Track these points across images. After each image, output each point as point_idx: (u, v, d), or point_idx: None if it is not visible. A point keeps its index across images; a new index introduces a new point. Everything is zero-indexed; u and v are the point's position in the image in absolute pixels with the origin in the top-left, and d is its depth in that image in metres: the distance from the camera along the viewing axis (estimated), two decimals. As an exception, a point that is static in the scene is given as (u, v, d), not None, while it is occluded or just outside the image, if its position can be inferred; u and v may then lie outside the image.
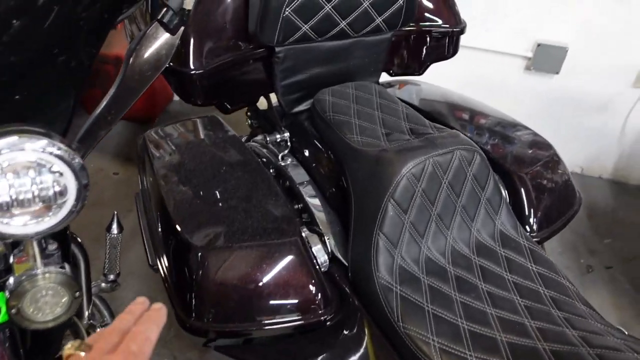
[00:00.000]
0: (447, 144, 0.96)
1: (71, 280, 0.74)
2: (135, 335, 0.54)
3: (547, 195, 1.16)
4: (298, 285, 0.92)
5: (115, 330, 0.55)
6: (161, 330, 0.58)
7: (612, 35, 2.18)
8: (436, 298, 0.89)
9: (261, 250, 0.93)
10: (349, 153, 1.02)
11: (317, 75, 1.22)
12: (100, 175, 2.26)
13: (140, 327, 0.56)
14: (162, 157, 1.17)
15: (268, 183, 1.05)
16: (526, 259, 0.97)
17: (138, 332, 0.55)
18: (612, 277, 1.99)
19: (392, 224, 0.92)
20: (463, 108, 1.42)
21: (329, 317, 0.94)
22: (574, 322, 0.83)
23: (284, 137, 1.22)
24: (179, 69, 1.05)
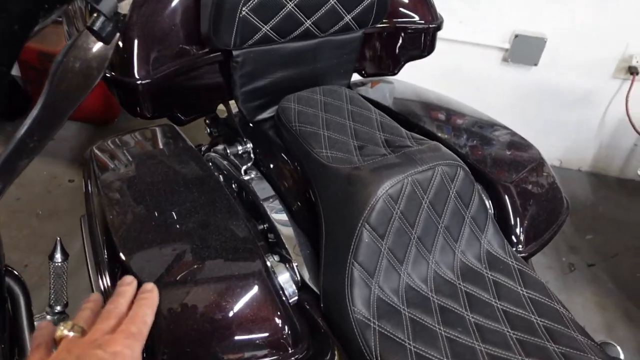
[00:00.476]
0: (427, 160, 0.85)
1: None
2: (133, 318, 0.55)
3: (534, 205, 1.08)
4: (263, 322, 0.81)
5: (111, 313, 0.56)
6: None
7: (591, 25, 2.12)
8: (419, 334, 0.79)
9: (220, 285, 0.81)
10: (318, 170, 0.91)
11: (280, 79, 1.10)
12: (54, 184, 2.12)
13: (137, 310, 0.57)
14: (110, 176, 1.04)
15: (228, 205, 0.94)
16: (515, 282, 0.88)
17: (136, 315, 0.56)
18: (594, 275, 1.94)
19: (367, 251, 0.82)
20: (439, 108, 1.33)
21: (300, 356, 0.83)
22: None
23: (247, 149, 1.11)
24: (122, 78, 0.93)
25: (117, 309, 0.57)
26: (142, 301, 0.60)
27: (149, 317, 0.58)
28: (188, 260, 0.83)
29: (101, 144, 1.17)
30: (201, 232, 0.88)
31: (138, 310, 0.58)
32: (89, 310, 0.60)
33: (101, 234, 0.96)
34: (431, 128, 1.20)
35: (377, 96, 1.33)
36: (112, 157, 1.12)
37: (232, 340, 0.80)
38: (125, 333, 0.53)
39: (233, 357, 0.80)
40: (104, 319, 0.56)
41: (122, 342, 0.52)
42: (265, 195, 1.06)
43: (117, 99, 0.99)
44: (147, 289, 0.62)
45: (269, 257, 0.90)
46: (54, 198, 2.05)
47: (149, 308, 0.59)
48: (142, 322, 0.56)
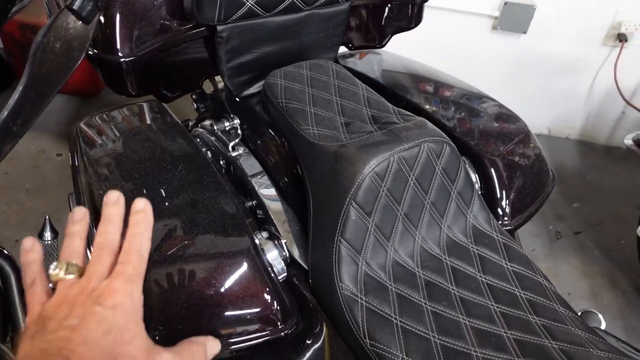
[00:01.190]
0: (413, 137, 0.85)
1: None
2: (128, 254, 0.50)
3: (521, 178, 1.08)
4: (252, 299, 0.82)
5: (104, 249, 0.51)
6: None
7: (580, -8, 2.09)
8: (405, 309, 0.81)
9: (209, 263, 0.82)
10: (304, 147, 0.91)
11: (266, 54, 1.09)
12: (42, 158, 2.10)
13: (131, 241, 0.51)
14: (97, 153, 1.04)
15: (215, 182, 0.94)
16: (500, 256, 0.90)
17: (130, 249, 0.51)
18: (581, 243, 1.97)
19: (354, 229, 0.82)
20: (427, 80, 1.32)
21: (290, 331, 0.85)
22: (554, 332, 0.77)
23: (234, 125, 1.10)
24: (105, 56, 0.91)
25: (109, 242, 0.52)
26: (135, 227, 0.53)
27: (145, 249, 0.52)
28: (176, 239, 0.84)
29: (87, 119, 1.16)
30: (189, 210, 0.88)
31: (132, 241, 0.51)
32: (78, 237, 0.53)
33: (89, 212, 0.96)
34: (419, 101, 1.19)
35: (365, 68, 1.32)
36: (98, 133, 1.11)
37: (222, 317, 0.81)
38: (122, 277, 0.49)
39: (223, 333, 0.81)
40: (97, 258, 0.50)
41: (121, 291, 0.48)
42: (253, 172, 1.06)
43: (101, 77, 0.97)
44: (138, 209, 0.54)
45: (257, 234, 0.91)
46: (42, 172, 2.03)
47: (143, 236, 0.52)
48: (138, 257, 0.51)
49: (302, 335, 0.87)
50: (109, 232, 0.52)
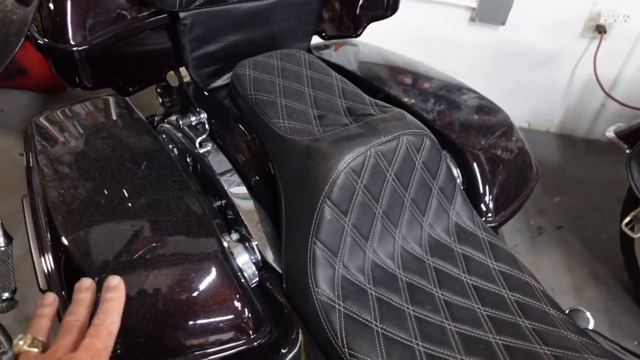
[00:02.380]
0: (391, 129, 0.79)
1: None
2: (97, 329, 0.50)
3: (504, 172, 1.04)
4: (221, 307, 0.76)
5: (72, 327, 0.51)
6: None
7: (559, -18, 2.06)
8: (386, 314, 0.75)
9: (172, 270, 0.75)
10: (275, 142, 0.84)
11: (234, 43, 1.02)
12: (4, 159, 2.00)
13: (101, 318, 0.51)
14: (53, 151, 0.96)
15: (180, 181, 0.87)
16: (486, 255, 0.84)
17: (100, 325, 0.51)
18: (562, 237, 1.94)
19: (330, 229, 0.76)
20: (405, 71, 1.27)
21: (263, 340, 0.78)
22: (545, 336, 0.72)
23: (201, 119, 1.03)
24: (56, 45, 0.84)
25: (78, 321, 0.52)
26: (107, 305, 0.53)
27: (115, 326, 0.52)
28: (137, 243, 0.77)
29: (45, 115, 1.08)
30: (151, 212, 0.82)
31: (103, 318, 0.52)
32: (46, 318, 0.54)
33: (43, 214, 0.88)
34: (397, 93, 1.14)
35: (340, 60, 1.26)
36: (57, 129, 1.04)
37: (188, 327, 0.74)
38: (90, 351, 0.48)
39: (190, 345, 0.75)
40: (65, 333, 0.50)
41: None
42: (222, 169, 0.99)
43: (52, 68, 0.89)
44: (111, 286, 0.55)
45: (226, 236, 0.84)
46: (4, 173, 1.93)
47: (115, 313, 0.53)
48: (107, 333, 0.50)
49: (276, 344, 0.81)
50: (79, 313, 0.53)
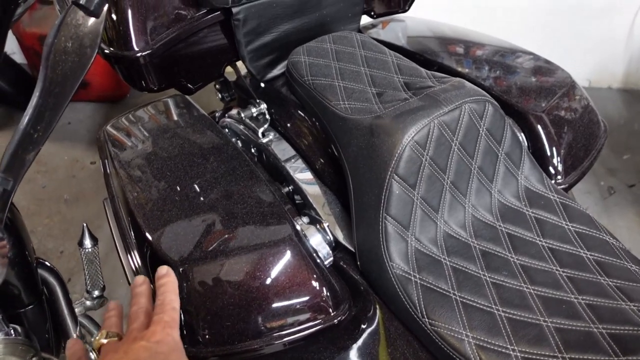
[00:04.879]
0: (452, 99, 0.79)
1: (20, 346, 0.61)
2: (162, 307, 0.56)
3: (570, 132, 1.01)
4: (300, 288, 0.79)
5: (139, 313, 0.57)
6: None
7: None
8: (463, 283, 0.75)
9: (251, 255, 0.78)
10: (337, 124, 0.86)
11: (287, 32, 1.04)
12: (77, 167, 2.11)
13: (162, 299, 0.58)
14: (126, 155, 1.01)
15: (249, 171, 0.90)
16: (559, 216, 0.83)
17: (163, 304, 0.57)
18: (636, 195, 1.87)
19: (399, 203, 0.77)
20: (455, 41, 1.25)
21: (343, 317, 0.81)
22: (629, 292, 0.70)
23: (261, 110, 1.06)
24: (121, 53, 0.88)
25: (142, 308, 0.58)
26: (163, 288, 0.60)
27: (176, 302, 0.59)
28: (215, 234, 0.81)
29: (113, 122, 1.13)
30: (225, 202, 0.85)
31: (163, 298, 0.58)
32: (115, 317, 0.61)
33: (125, 215, 0.94)
34: (450, 63, 1.13)
35: (389, 37, 1.26)
36: (126, 135, 1.09)
37: (270, 310, 0.77)
38: (160, 324, 0.54)
39: (274, 326, 0.78)
40: (134, 319, 0.56)
41: (160, 332, 0.53)
42: (286, 156, 1.02)
43: (120, 75, 0.94)
44: (162, 274, 0.62)
45: (297, 220, 0.87)
46: (78, 182, 2.04)
47: (172, 293, 0.60)
48: (171, 309, 0.57)
49: (356, 320, 0.83)
50: (141, 302, 0.59)
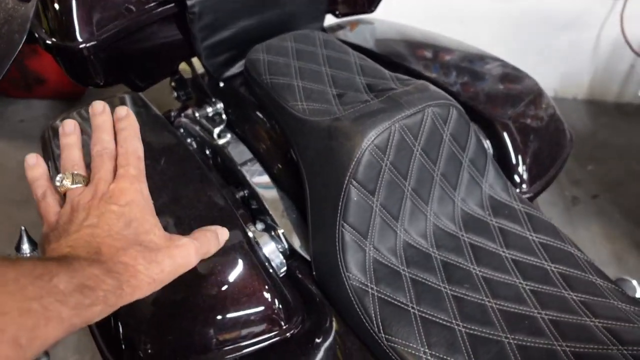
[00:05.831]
0: (414, 102, 0.75)
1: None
2: (126, 157, 0.52)
3: (536, 140, 0.99)
4: (250, 301, 0.73)
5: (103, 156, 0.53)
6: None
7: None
8: (423, 296, 0.71)
9: (198, 265, 0.73)
10: (295, 125, 0.81)
11: (246, 29, 0.99)
12: (28, 168, 2.01)
13: (125, 146, 0.53)
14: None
15: (200, 173, 0.84)
16: (524, 227, 0.80)
17: (126, 152, 0.53)
18: (600, 206, 1.87)
19: (357, 210, 0.73)
20: (424, 45, 1.22)
21: (296, 330, 0.76)
22: (593, 308, 0.67)
23: (217, 110, 1.00)
24: (64, 44, 0.82)
25: (106, 149, 0.53)
26: (125, 132, 0.55)
27: (140, 150, 0.55)
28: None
29: (61, 118, 1.07)
30: (172, 207, 0.79)
31: (127, 146, 0.53)
32: (75, 147, 0.56)
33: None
34: (417, 67, 1.10)
35: (357, 39, 1.22)
36: (73, 133, 1.02)
37: (217, 323, 0.72)
38: (128, 178, 0.51)
39: (221, 340, 0.72)
40: (99, 165, 0.52)
41: (130, 190, 0.50)
42: (242, 159, 0.97)
43: (63, 68, 0.88)
44: (122, 116, 0.56)
45: (250, 226, 0.82)
46: (27, 184, 1.94)
47: (135, 138, 0.55)
48: (136, 158, 0.53)
49: (310, 333, 0.78)
50: (104, 139, 0.54)
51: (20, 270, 0.37)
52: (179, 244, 0.52)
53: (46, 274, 0.38)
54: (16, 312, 0.35)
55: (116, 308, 0.44)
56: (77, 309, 0.39)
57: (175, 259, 0.50)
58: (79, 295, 0.39)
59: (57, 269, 0.39)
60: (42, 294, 0.37)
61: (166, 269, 0.49)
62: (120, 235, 0.47)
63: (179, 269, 0.51)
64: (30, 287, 0.36)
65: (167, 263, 0.49)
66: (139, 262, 0.46)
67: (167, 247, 0.50)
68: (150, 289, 0.47)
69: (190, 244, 0.53)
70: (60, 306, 0.38)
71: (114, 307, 0.44)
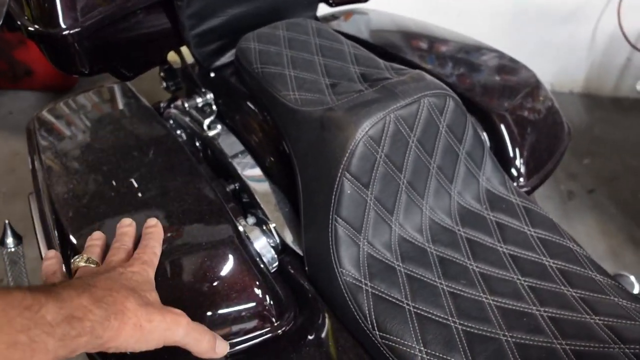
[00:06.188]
0: (410, 92, 0.73)
1: None
2: (143, 249, 0.58)
3: (534, 133, 0.97)
4: (241, 296, 0.71)
5: (120, 249, 0.58)
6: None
7: None
8: (418, 292, 0.69)
9: (187, 260, 0.70)
10: (287, 116, 0.79)
11: (236, 17, 0.96)
12: (16, 160, 1.98)
13: (145, 242, 0.59)
14: (56, 146, 0.92)
15: (189, 165, 0.82)
16: (521, 221, 0.78)
17: (145, 246, 0.58)
18: (595, 201, 1.86)
19: (351, 204, 0.70)
20: (420, 36, 1.20)
21: (287, 327, 0.74)
22: (593, 304, 0.65)
23: (207, 100, 0.98)
24: (46, 30, 0.79)
25: (125, 246, 0.59)
26: (149, 236, 0.61)
27: (158, 249, 0.60)
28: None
29: (47, 109, 1.04)
30: (160, 200, 0.77)
31: (147, 243, 0.59)
32: (98, 247, 0.60)
33: (50, 212, 0.84)
34: (413, 58, 1.07)
35: (351, 29, 1.20)
36: (58, 123, 0.99)
37: (206, 319, 0.69)
38: (139, 260, 0.55)
39: (210, 337, 0.70)
40: (115, 253, 0.57)
41: (138, 266, 0.54)
42: (233, 152, 0.94)
43: (46, 56, 0.85)
44: (151, 225, 0.63)
45: (241, 220, 0.79)
46: (18, 175, 1.91)
47: (156, 241, 0.60)
48: (152, 252, 0.58)
49: (302, 330, 0.76)
50: (125, 240, 0.60)
51: (9, 300, 0.37)
52: (173, 310, 0.52)
53: (35, 305, 0.38)
54: (4, 345, 0.35)
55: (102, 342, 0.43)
56: (63, 340, 0.39)
57: (166, 318, 0.49)
58: (66, 326, 0.40)
59: (45, 300, 0.39)
60: (30, 325, 0.37)
61: (154, 321, 0.48)
62: (118, 283, 0.49)
63: (166, 332, 0.49)
64: (18, 318, 0.36)
65: (157, 318, 0.48)
66: (130, 300, 0.47)
67: (160, 307, 0.51)
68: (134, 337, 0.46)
69: (184, 317, 0.53)
70: (47, 337, 0.38)
71: (99, 339, 0.43)
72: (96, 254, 0.59)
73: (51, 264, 0.58)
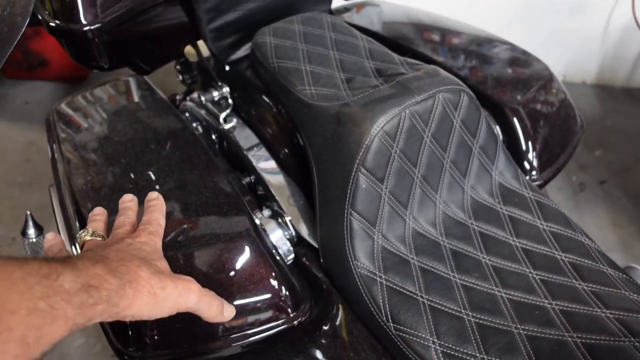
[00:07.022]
0: (425, 87, 0.74)
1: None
2: (148, 221, 0.57)
3: (547, 127, 0.97)
4: (258, 288, 0.73)
5: (124, 223, 0.58)
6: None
7: None
8: (432, 284, 0.70)
9: (205, 252, 0.72)
10: (302, 110, 0.80)
11: (252, 11, 0.96)
12: (32, 150, 2.00)
13: (149, 215, 0.59)
14: (75, 138, 0.94)
15: (206, 159, 0.83)
16: (534, 215, 0.79)
17: (149, 219, 0.58)
18: (607, 192, 1.85)
19: (366, 198, 0.72)
20: (432, 28, 1.20)
21: (303, 318, 0.75)
22: (605, 298, 0.66)
23: (223, 94, 0.99)
24: (67, 26, 0.80)
25: (129, 219, 0.59)
26: (152, 208, 0.60)
27: (162, 220, 0.59)
28: (166, 226, 0.74)
29: (66, 102, 1.06)
30: (178, 193, 0.79)
31: (150, 215, 0.58)
32: (101, 221, 0.61)
33: (70, 204, 0.86)
34: (425, 51, 1.07)
35: (363, 22, 1.20)
36: (77, 116, 1.01)
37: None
38: (145, 231, 0.55)
39: (228, 327, 0.72)
40: (119, 226, 0.57)
41: (145, 237, 0.54)
42: (248, 144, 0.95)
43: (67, 51, 0.86)
44: (152, 198, 0.62)
45: (257, 213, 0.81)
46: (34, 165, 1.94)
47: (160, 212, 0.60)
48: (156, 224, 0.57)
49: (317, 321, 0.77)
50: (128, 214, 0.60)
51: (27, 269, 0.37)
52: (184, 277, 0.52)
53: (52, 274, 0.38)
54: (24, 311, 0.35)
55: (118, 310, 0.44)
56: (81, 307, 0.39)
57: (178, 286, 0.50)
58: (84, 294, 0.40)
59: (62, 269, 0.40)
60: (49, 293, 0.37)
61: (167, 289, 0.49)
62: (128, 253, 0.49)
63: (179, 299, 0.50)
64: (37, 286, 0.36)
65: (169, 285, 0.49)
66: (142, 269, 0.47)
67: (171, 275, 0.51)
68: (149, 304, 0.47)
69: (195, 283, 0.53)
70: (65, 305, 0.38)
71: (115, 307, 0.44)
72: (101, 228, 0.59)
73: (54, 244, 0.58)
